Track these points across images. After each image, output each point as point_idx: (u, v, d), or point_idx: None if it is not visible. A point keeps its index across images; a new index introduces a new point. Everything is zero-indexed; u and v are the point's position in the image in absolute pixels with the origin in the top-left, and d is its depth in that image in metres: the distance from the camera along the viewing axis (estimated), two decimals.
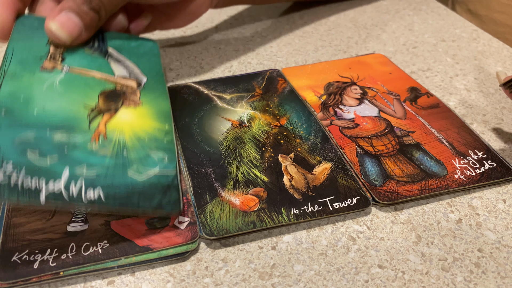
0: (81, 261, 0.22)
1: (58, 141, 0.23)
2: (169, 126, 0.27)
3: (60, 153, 0.22)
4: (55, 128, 0.23)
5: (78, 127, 0.24)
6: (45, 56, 0.27)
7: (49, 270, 0.21)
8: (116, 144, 0.24)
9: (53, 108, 0.24)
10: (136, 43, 0.31)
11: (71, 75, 0.27)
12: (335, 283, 0.22)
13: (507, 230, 0.24)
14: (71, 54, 0.28)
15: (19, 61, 0.26)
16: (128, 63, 0.29)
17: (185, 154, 0.28)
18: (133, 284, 0.22)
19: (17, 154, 0.21)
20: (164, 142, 0.25)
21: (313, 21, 0.46)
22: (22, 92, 0.24)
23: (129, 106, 0.27)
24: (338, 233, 0.24)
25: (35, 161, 0.21)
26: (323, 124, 0.30)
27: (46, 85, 0.25)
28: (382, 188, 0.25)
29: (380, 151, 0.28)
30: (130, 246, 0.22)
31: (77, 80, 0.26)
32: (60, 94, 0.25)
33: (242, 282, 0.22)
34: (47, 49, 0.28)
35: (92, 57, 0.28)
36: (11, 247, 0.22)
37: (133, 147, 0.24)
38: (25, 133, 0.22)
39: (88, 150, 0.23)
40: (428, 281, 0.22)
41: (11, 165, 0.20)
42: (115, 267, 0.22)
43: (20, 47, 0.27)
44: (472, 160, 0.27)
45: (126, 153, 0.24)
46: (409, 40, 0.42)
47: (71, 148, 0.23)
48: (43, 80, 0.26)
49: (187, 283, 0.22)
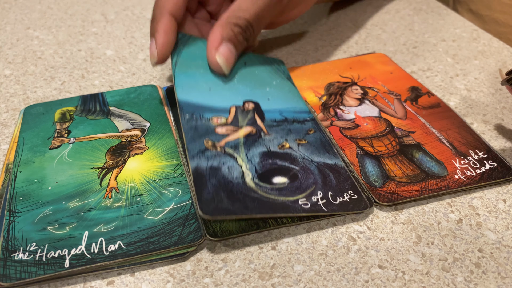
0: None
1: (74, 208, 0.25)
2: (177, 160, 0.28)
3: (78, 219, 0.24)
4: (70, 198, 0.25)
5: (90, 189, 0.26)
6: (52, 135, 0.30)
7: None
8: (128, 193, 0.25)
9: (64, 179, 0.26)
10: (135, 94, 0.34)
11: (78, 144, 0.29)
12: (335, 283, 0.22)
13: (507, 230, 0.24)
14: (75, 126, 0.30)
15: (29, 148, 0.29)
16: (130, 115, 0.31)
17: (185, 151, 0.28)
18: (133, 284, 0.22)
19: (38, 233, 0.23)
20: (175, 177, 0.27)
21: (313, 21, 0.46)
22: (36, 175, 0.27)
23: (136, 154, 0.28)
24: (338, 233, 0.24)
25: (55, 234, 0.23)
26: (323, 125, 0.30)
27: (56, 160, 0.28)
28: (382, 189, 0.25)
29: (381, 152, 0.28)
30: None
31: (84, 147, 0.29)
32: (69, 165, 0.27)
33: (242, 282, 0.22)
34: (53, 129, 0.30)
35: (96, 122, 0.31)
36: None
37: (145, 192, 0.25)
38: (43, 211, 0.24)
39: (103, 206, 0.25)
40: (428, 281, 0.22)
41: (34, 245, 0.23)
42: (115, 267, 0.22)
43: (29, 135, 0.30)
44: (472, 160, 0.27)
45: (140, 199, 0.25)
46: (409, 40, 0.42)
47: (86, 211, 0.24)
48: (53, 157, 0.28)
49: (187, 283, 0.22)
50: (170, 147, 0.29)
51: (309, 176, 0.25)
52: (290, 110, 0.30)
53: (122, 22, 0.46)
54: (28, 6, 0.50)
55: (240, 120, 0.28)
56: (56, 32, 0.45)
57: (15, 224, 0.24)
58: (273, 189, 0.24)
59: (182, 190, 0.25)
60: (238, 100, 0.29)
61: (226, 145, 0.26)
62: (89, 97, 0.34)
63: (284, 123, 0.29)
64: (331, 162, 0.27)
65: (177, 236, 0.23)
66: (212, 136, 0.26)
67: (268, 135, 0.28)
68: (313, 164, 0.26)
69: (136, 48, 0.42)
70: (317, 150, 0.27)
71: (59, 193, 0.25)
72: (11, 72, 0.38)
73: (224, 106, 0.29)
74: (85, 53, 0.41)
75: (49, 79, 0.37)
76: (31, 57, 0.40)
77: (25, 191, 0.26)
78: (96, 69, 0.39)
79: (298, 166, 0.26)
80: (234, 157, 0.25)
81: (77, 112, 0.32)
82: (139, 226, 0.23)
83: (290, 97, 0.32)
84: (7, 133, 0.31)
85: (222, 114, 0.28)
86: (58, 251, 0.22)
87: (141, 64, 0.39)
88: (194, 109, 0.28)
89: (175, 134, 0.30)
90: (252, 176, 0.24)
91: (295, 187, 0.25)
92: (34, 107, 0.33)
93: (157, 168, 0.27)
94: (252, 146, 0.26)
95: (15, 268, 0.21)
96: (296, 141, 0.28)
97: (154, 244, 0.22)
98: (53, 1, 0.51)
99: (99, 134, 0.30)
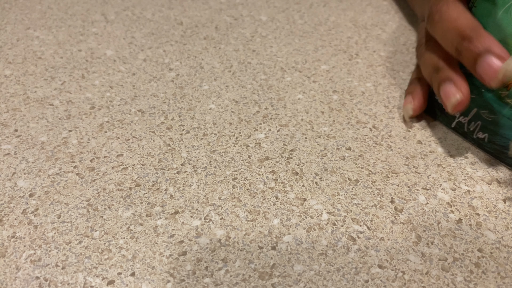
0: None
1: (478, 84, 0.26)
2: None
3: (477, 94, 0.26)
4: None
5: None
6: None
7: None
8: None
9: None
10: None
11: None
12: (335, 283, 0.22)
13: (507, 230, 0.24)
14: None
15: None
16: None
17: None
18: (133, 284, 0.22)
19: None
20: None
21: (313, 21, 0.46)
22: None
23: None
24: (338, 233, 0.24)
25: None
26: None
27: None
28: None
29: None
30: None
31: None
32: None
33: (242, 282, 0.22)
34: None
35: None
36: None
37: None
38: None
39: (498, 95, 0.25)
40: (428, 281, 0.22)
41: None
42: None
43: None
44: None
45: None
46: (409, 40, 0.42)
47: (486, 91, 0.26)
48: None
49: (187, 283, 0.22)
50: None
51: None
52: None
53: (122, 22, 0.46)
54: (28, 6, 0.50)
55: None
56: (56, 32, 0.45)
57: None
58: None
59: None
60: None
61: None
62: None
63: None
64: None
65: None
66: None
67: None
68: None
69: (136, 48, 0.42)
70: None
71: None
72: (11, 72, 0.38)
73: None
74: (85, 53, 0.41)
75: (49, 79, 0.37)
76: (31, 57, 0.40)
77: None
78: (96, 69, 0.39)
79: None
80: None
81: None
82: (508, 134, 0.26)
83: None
84: (7, 133, 0.31)
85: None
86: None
87: (141, 64, 0.39)
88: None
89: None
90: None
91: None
92: None
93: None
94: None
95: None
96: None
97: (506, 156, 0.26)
98: (53, 1, 0.51)
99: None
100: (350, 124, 0.32)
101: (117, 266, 0.23)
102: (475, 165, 0.28)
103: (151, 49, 0.41)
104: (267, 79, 0.37)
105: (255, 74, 0.38)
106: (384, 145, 0.30)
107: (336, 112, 0.33)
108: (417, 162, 0.29)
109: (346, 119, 0.32)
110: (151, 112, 0.33)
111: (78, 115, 0.33)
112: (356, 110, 0.33)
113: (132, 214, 0.25)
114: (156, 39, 0.43)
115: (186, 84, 0.36)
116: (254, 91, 0.35)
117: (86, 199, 0.26)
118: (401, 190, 0.27)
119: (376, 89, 0.36)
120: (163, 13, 0.48)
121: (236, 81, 0.37)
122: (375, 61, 0.39)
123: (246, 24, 0.46)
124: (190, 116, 0.33)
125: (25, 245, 0.24)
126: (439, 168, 0.28)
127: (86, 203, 0.26)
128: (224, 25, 0.46)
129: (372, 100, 0.34)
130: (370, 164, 0.28)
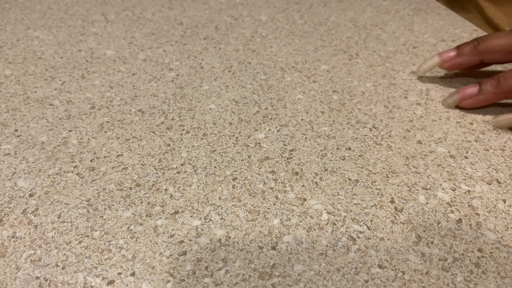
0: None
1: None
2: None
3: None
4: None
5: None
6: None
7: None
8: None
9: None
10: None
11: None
12: (335, 283, 0.22)
13: (507, 230, 0.24)
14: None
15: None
16: None
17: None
18: (133, 284, 0.22)
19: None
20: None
21: (313, 21, 0.46)
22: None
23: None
24: (338, 233, 0.24)
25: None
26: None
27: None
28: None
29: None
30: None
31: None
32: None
33: (242, 282, 0.22)
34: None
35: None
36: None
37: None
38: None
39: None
40: (428, 281, 0.22)
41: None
42: None
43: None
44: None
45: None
46: (409, 40, 0.42)
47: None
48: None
49: (187, 283, 0.22)
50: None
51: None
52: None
53: (122, 22, 0.46)
54: (28, 6, 0.50)
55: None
56: (56, 32, 0.45)
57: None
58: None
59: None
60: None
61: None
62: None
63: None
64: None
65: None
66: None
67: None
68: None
69: (136, 48, 0.42)
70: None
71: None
72: (11, 72, 0.38)
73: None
74: (85, 53, 0.41)
75: (49, 79, 0.37)
76: (31, 57, 0.40)
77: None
78: (96, 69, 0.39)
79: None
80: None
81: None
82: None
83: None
84: (7, 133, 0.31)
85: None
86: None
87: (141, 64, 0.39)
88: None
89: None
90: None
91: None
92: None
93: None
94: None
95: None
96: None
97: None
98: (53, 1, 0.51)
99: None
100: (350, 124, 0.32)
101: (117, 266, 0.23)
102: (475, 165, 0.28)
103: (151, 49, 0.41)
104: (267, 79, 0.37)
105: (255, 74, 0.38)
106: (384, 145, 0.30)
107: (336, 112, 0.33)
108: (417, 162, 0.29)
109: (346, 119, 0.32)
110: (151, 112, 0.33)
111: (78, 115, 0.33)
112: (356, 110, 0.33)
113: (132, 214, 0.25)
114: (156, 39, 0.43)
115: (186, 84, 0.36)
116: (254, 91, 0.35)
117: (86, 199, 0.26)
118: (401, 190, 0.27)
119: (376, 89, 0.36)
120: (163, 13, 0.48)
121: (236, 81, 0.37)
122: (375, 61, 0.39)
123: (246, 24, 0.46)
124: (190, 116, 0.33)
125: (25, 245, 0.24)
126: (439, 168, 0.28)
127: (86, 203, 0.26)
128: (224, 25, 0.46)
129: (372, 100, 0.34)
130: (370, 164, 0.28)
